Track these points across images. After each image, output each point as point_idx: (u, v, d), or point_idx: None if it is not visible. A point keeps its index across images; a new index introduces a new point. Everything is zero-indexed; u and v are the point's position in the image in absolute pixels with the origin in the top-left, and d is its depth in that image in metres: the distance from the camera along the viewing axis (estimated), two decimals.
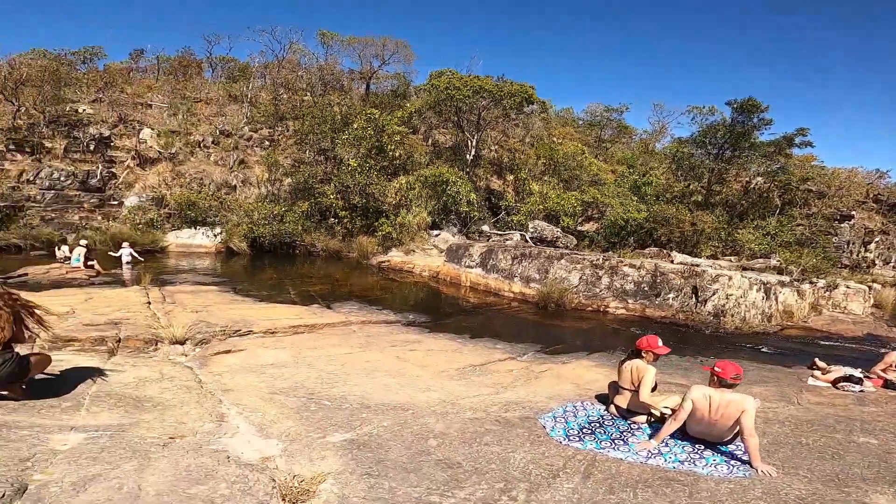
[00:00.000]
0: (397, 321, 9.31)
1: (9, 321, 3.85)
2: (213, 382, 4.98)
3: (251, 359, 6.03)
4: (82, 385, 4.34)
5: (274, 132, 24.68)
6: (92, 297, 8.57)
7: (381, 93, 30.37)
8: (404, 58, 30.76)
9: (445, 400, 4.96)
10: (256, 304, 9.78)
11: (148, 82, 28.42)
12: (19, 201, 16.80)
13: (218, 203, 18.21)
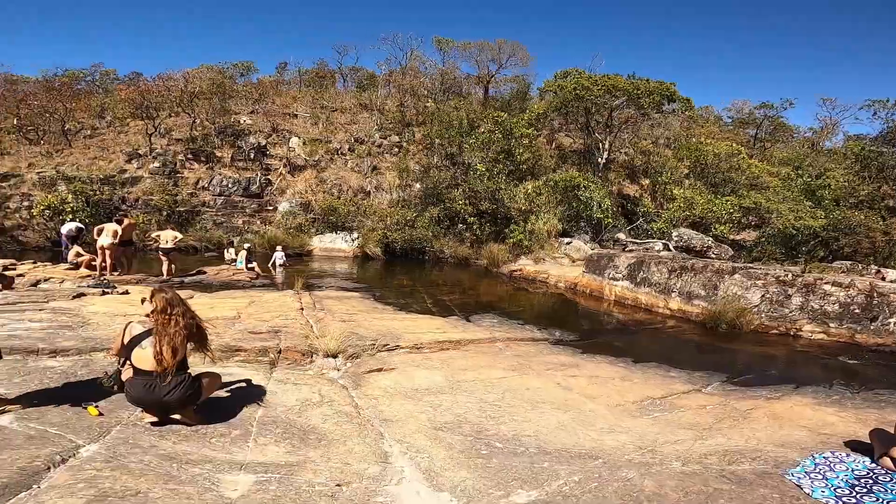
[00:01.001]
0: (544, 339, 8.35)
1: (183, 342, 3.59)
2: (370, 408, 4.49)
3: (404, 380, 5.48)
4: (249, 408, 4.04)
5: (402, 138, 25.13)
6: (254, 301, 8.83)
7: (501, 96, 29.66)
8: (521, 60, 29.90)
9: (640, 446, 4.02)
10: (397, 313, 9.46)
11: (293, 93, 30.56)
12: (196, 206, 18.82)
13: (355, 208, 18.76)
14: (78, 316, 6.31)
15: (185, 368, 3.62)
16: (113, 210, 17.38)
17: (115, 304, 7.34)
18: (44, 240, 16.23)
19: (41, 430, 3.15)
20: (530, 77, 30.66)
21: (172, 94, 22.96)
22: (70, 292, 7.35)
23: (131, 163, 20.24)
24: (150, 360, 3.48)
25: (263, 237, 17.47)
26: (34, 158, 19.67)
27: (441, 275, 15.36)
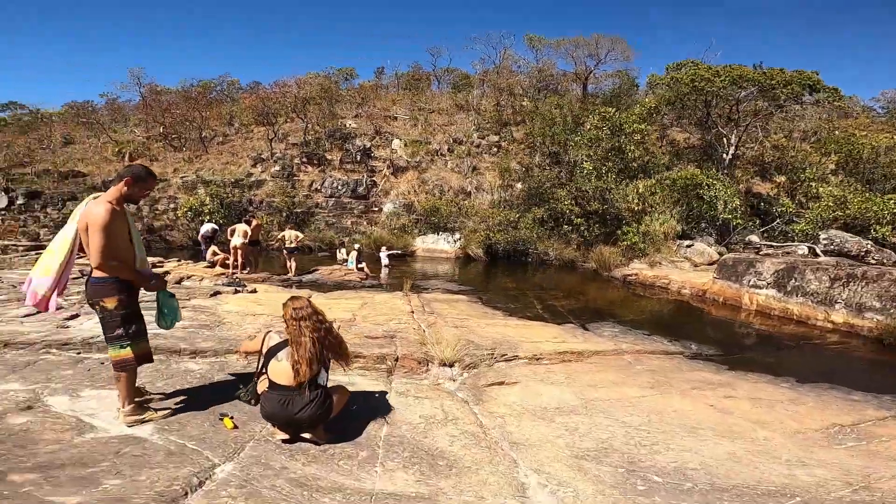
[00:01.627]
0: (678, 352, 7.34)
1: (319, 354, 3.34)
2: (497, 429, 4.01)
3: (530, 397, 4.93)
4: (374, 424, 3.76)
5: (501, 138, 24.54)
6: (366, 303, 8.80)
7: (602, 93, 27.92)
8: (622, 55, 27.96)
9: (849, 482, 3.28)
10: (508, 319, 8.93)
11: (391, 96, 31.28)
12: (311, 208, 19.81)
13: (456, 209, 18.52)
14: (215, 315, 6.55)
15: (318, 384, 3.37)
16: (242, 211, 18.84)
17: (246, 303, 7.63)
18: (186, 239, 18.01)
19: (180, 446, 3.05)
20: (634, 72, 28.70)
21: (287, 100, 24.45)
22: (208, 290, 7.77)
23: (256, 167, 21.89)
24: (286, 373, 3.28)
25: (370, 237, 17.87)
26: (178, 164, 22.02)
27: (546, 278, 14.55)
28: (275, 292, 9.22)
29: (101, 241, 2.95)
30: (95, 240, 2.95)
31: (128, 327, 3.18)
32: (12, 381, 3.66)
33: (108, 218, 2.97)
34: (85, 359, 4.36)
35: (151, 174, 3.33)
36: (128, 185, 3.17)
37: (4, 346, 4.38)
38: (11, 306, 5.76)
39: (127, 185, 3.17)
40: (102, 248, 2.96)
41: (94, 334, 4.87)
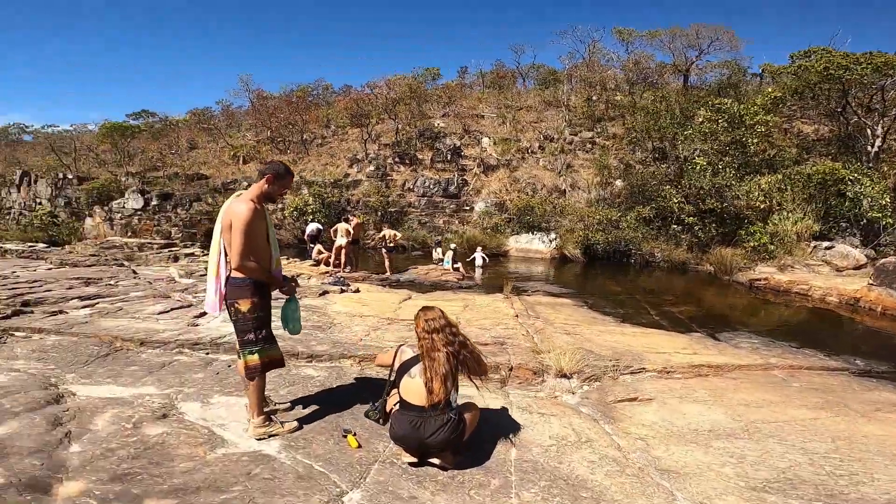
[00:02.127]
0: (841, 368, 6.19)
1: (453, 371, 2.92)
2: (639, 452, 3.42)
3: (672, 416, 4.20)
4: (501, 446, 3.31)
5: (595, 134, 23.11)
6: (468, 306, 8.41)
7: (707, 84, 25.48)
8: (729, 44, 25.63)
9: None
10: (623, 326, 8.09)
11: (477, 95, 30.87)
12: (404, 207, 19.96)
13: (551, 208, 17.62)
14: (325, 315, 6.47)
15: (451, 404, 2.96)
16: (341, 211, 19.49)
17: (352, 303, 7.55)
18: (292, 237, 18.93)
19: (307, 467, 2.80)
20: (744, 61, 26.17)
21: (378, 101, 24.96)
22: (317, 290, 7.80)
23: (352, 167, 22.56)
24: (418, 392, 2.92)
25: (462, 237, 17.57)
26: None
27: (654, 281, 13.27)
28: (376, 292, 9.14)
29: (242, 240, 2.82)
30: (236, 239, 2.82)
31: (258, 332, 3.03)
32: (149, 385, 3.65)
33: (250, 216, 2.83)
34: (213, 360, 4.34)
35: (290, 172, 3.16)
36: (269, 183, 3.02)
37: (142, 344, 4.48)
38: (148, 302, 6.05)
39: (268, 183, 3.02)
40: (242, 247, 2.82)
41: (220, 334, 4.90)
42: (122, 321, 5.10)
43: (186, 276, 8.27)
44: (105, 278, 7.29)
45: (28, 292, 5.79)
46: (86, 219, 19.85)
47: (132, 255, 10.82)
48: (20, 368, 3.62)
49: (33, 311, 5.14)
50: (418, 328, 3.08)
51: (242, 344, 3.03)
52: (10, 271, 7.32)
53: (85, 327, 4.69)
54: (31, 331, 4.46)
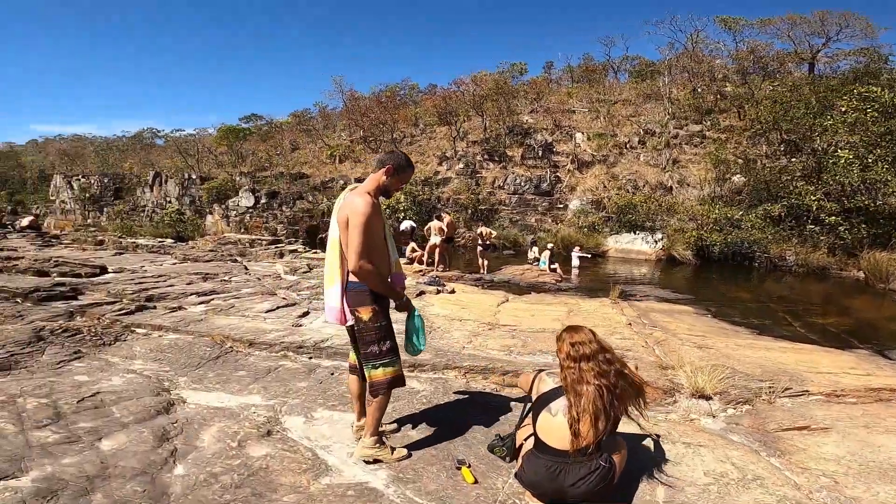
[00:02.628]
0: None
1: (607, 409, 2.32)
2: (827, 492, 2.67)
3: (862, 448, 3.33)
4: (644, 484, 2.66)
5: (704, 127, 20.77)
6: (572, 311, 7.63)
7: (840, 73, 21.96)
8: (863, 31, 22.52)
9: None
10: (761, 339, 6.87)
11: (567, 89, 29.44)
12: (494, 205, 19.39)
13: (656, 206, 16.02)
14: (426, 319, 6.08)
15: (600, 447, 2.34)
16: (431, 209, 19.39)
17: (450, 305, 7.13)
18: None
19: None
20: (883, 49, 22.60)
21: (466, 98, 24.59)
22: (414, 290, 7.48)
23: (442, 165, 22.43)
24: (560, 433, 2.34)
25: (556, 236, 16.60)
26: None
27: (785, 287, 11.46)
28: (472, 293, 8.67)
29: (360, 237, 2.43)
30: (354, 236, 2.44)
31: (383, 343, 2.63)
32: (255, 393, 3.44)
33: (368, 210, 2.44)
34: (316, 367, 4.09)
35: (411, 165, 2.74)
36: (387, 174, 2.62)
37: (250, 345, 4.36)
38: (256, 300, 6.07)
39: (387, 174, 2.62)
40: (361, 246, 2.44)
41: (322, 337, 4.68)
42: (233, 319, 5.09)
43: (291, 273, 8.41)
44: (220, 274, 7.57)
45: (153, 287, 6.06)
46: (207, 216, 21.73)
47: (244, 251, 11.38)
48: (136, 370, 3.59)
49: (156, 306, 5.30)
50: (561, 354, 2.50)
51: (366, 357, 2.66)
52: (139, 265, 7.88)
53: (200, 325, 4.70)
54: (151, 328, 4.53)
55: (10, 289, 4.99)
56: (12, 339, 3.62)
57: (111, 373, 3.45)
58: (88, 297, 5.40)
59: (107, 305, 5.00)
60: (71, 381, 3.18)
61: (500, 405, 3.65)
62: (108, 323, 4.48)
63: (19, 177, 38.19)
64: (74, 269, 6.51)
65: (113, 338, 4.09)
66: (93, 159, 35.96)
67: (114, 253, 9.69)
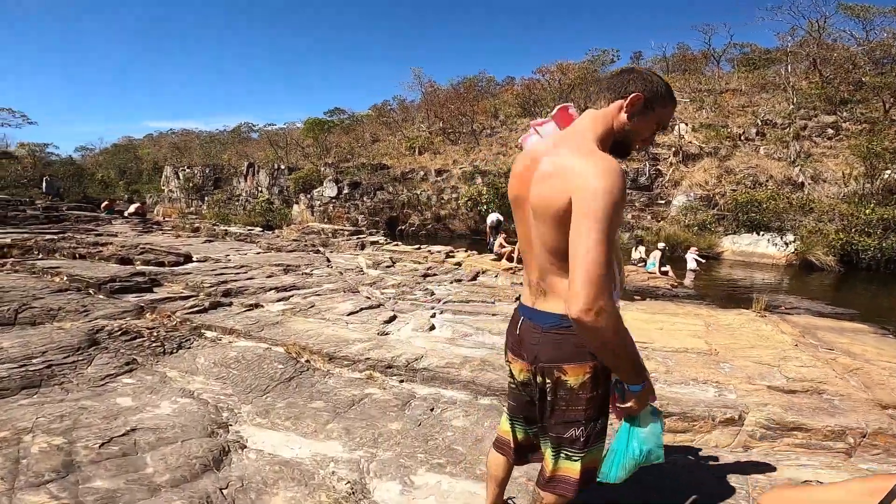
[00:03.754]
0: None
1: None
2: None
3: None
4: None
5: (838, 118, 17.50)
6: (711, 325, 6.09)
7: None
8: None
9: None
10: None
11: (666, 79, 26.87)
12: None
13: (786, 204, 13.53)
14: None
15: None
16: None
17: None
18: (465, 228, 18.27)
19: None
20: None
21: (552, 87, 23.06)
22: (511, 293, 6.35)
23: None
24: None
25: (658, 235, 14.64)
26: (456, 156, 22.96)
27: None
28: None
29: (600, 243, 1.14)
30: (587, 236, 1.15)
31: (593, 425, 1.42)
32: (334, 438, 2.52)
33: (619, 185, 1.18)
34: (411, 398, 3.11)
35: (672, 97, 1.43)
36: (632, 110, 1.36)
37: (329, 359, 3.49)
38: (338, 298, 5.28)
39: (630, 110, 1.36)
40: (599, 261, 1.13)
41: (416, 354, 3.71)
42: (311, 323, 4.29)
43: (373, 267, 7.65)
44: (302, 265, 6.96)
45: (232, 280, 5.48)
46: (293, 205, 22.12)
47: (326, 241, 10.91)
48: (194, 390, 2.82)
49: (232, 302, 4.65)
50: None
51: (557, 441, 1.46)
52: (224, 254, 7.50)
53: (275, 330, 3.94)
54: (222, 331, 3.83)
55: (85, 278, 4.57)
56: (60, 343, 3.00)
57: (162, 395, 2.70)
58: (165, 289, 4.89)
59: (180, 300, 4.40)
60: (108, 406, 2.44)
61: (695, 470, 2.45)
62: (176, 323, 3.83)
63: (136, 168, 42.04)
64: (159, 256, 6.15)
65: (177, 344, 3.39)
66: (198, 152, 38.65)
67: (204, 240, 9.55)
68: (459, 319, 5.17)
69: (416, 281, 6.67)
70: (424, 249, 10.82)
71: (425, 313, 5.30)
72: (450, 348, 4.12)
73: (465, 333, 4.61)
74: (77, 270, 4.85)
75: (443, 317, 5.30)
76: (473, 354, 3.97)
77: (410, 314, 5.20)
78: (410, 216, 19.47)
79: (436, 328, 4.79)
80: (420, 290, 6.02)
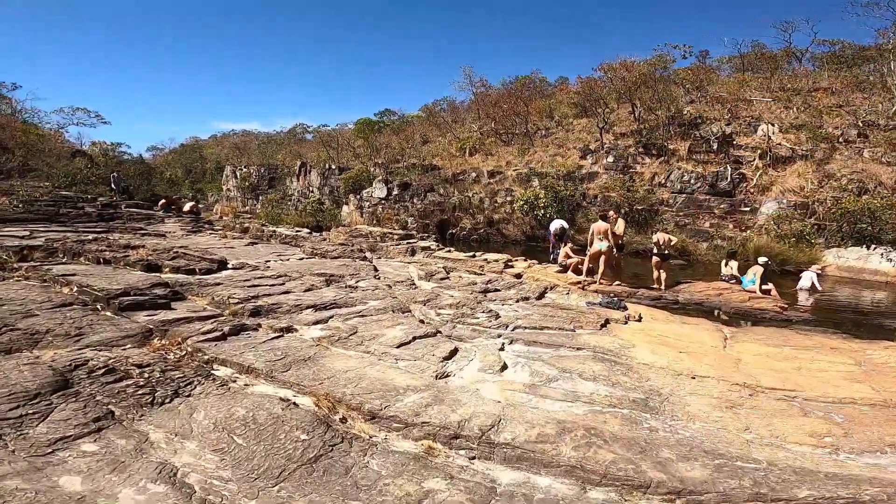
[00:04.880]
0: None
1: None
2: None
3: None
4: None
5: None
6: (862, 364, 4.67)
7: None
8: None
9: None
10: None
11: (739, 77, 24.38)
12: (654, 205, 16.03)
13: None
14: (631, 371, 3.80)
15: None
16: (575, 206, 16.74)
17: (649, 340, 4.72)
18: (520, 233, 17.05)
19: None
20: None
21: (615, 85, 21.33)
22: (594, 318, 5.18)
23: (585, 158, 19.51)
24: None
25: (744, 246, 12.81)
26: (509, 157, 21.73)
27: None
28: (664, 320, 6.09)
29: None
30: None
31: None
32: None
33: None
34: (491, 496, 2.07)
35: None
36: None
37: (372, 419, 2.54)
38: (386, 322, 4.33)
39: None
40: None
41: (490, 416, 2.68)
42: (351, 359, 3.36)
43: (426, 279, 6.67)
44: (346, 275, 6.11)
45: (265, 294, 4.68)
46: (343, 206, 21.73)
47: (374, 246, 10.12)
48: (179, 469, 1.92)
49: (259, 324, 3.82)
50: None
51: None
52: (264, 260, 6.79)
53: (305, 370, 3.03)
54: (238, 368, 2.96)
55: (96, 290, 3.88)
56: (14, 387, 2.20)
57: (129, 475, 1.83)
58: (187, 304, 4.13)
59: (198, 322, 3.61)
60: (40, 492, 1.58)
61: None
62: (184, 354, 3.00)
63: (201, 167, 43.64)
64: (191, 262, 5.48)
65: (173, 389, 2.54)
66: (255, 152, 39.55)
67: (248, 242, 8.98)
68: (535, 353, 4.10)
69: (475, 298, 5.65)
70: (480, 258, 9.79)
71: (491, 343, 4.27)
72: (534, 402, 3.05)
73: (548, 377, 3.53)
74: (92, 279, 4.20)
75: (513, 348, 4.26)
76: (571, 415, 2.88)
77: (473, 344, 4.19)
78: (462, 219, 18.46)
79: (508, 367, 3.75)
80: (482, 312, 4.99)
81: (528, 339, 4.44)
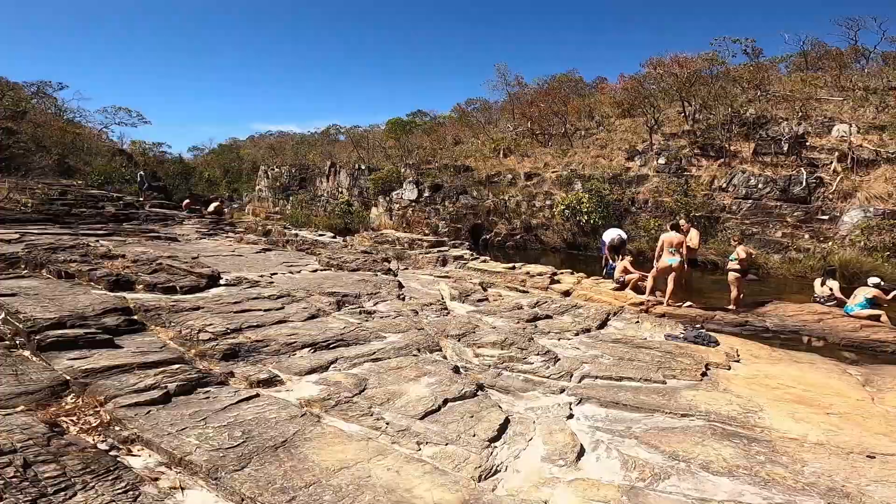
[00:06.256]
0: None
1: None
2: None
3: None
4: None
5: None
6: None
7: None
8: None
9: None
10: None
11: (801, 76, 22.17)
12: (713, 211, 14.31)
13: None
14: (766, 445, 2.43)
15: None
16: (623, 212, 15.21)
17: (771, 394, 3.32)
18: (560, 240, 15.66)
19: None
20: None
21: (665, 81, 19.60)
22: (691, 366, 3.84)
23: (632, 160, 17.87)
24: None
25: (825, 259, 11.04)
26: (547, 159, 20.31)
27: None
28: (769, 359, 4.67)
29: None
30: None
31: None
32: None
33: None
34: None
35: None
36: None
37: None
38: (407, 370, 3.14)
39: None
40: None
41: None
42: (352, 444, 2.20)
43: (459, 300, 5.47)
44: (364, 295, 4.99)
45: (254, 323, 3.60)
46: (372, 208, 20.84)
47: (402, 254, 9.03)
48: None
49: (231, 373, 2.72)
50: None
51: None
52: (270, 272, 5.76)
53: (271, 468, 1.90)
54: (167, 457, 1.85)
55: (23, 319, 2.88)
56: None
57: None
58: (142, 339, 3.08)
59: (138, 372, 2.53)
60: None
61: None
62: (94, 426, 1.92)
63: (238, 168, 43.97)
64: (174, 277, 4.49)
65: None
66: (289, 153, 39.46)
67: (260, 249, 8.03)
68: (620, 423, 2.83)
69: (524, 330, 4.42)
70: (520, 270, 8.52)
71: (552, 403, 3.04)
72: None
73: (653, 470, 2.28)
74: (29, 303, 3.23)
75: (585, 412, 2.99)
76: None
77: (526, 404, 2.98)
78: (496, 224, 17.17)
79: (586, 452, 2.53)
80: (536, 354, 3.75)
81: (605, 397, 3.18)
